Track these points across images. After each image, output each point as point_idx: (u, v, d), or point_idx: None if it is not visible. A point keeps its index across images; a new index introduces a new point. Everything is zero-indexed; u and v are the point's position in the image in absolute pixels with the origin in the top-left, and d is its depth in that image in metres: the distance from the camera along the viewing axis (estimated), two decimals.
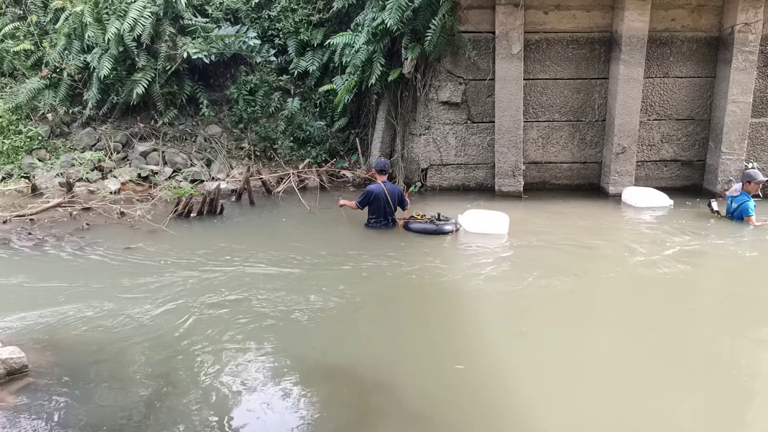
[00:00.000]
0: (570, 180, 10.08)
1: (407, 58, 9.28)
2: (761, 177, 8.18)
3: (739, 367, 4.70)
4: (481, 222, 7.92)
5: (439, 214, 7.89)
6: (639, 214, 8.82)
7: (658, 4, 9.17)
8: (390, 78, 9.55)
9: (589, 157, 9.99)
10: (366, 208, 7.96)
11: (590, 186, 10.05)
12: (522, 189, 9.66)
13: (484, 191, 9.80)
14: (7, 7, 10.86)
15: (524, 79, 9.40)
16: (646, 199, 9.09)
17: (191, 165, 10.28)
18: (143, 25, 9.75)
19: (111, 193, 9.19)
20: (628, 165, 9.58)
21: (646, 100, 9.60)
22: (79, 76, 10.50)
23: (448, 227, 7.75)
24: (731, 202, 8.19)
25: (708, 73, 9.62)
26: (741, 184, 8.18)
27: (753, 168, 9.09)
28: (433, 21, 8.85)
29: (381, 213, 7.89)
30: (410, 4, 8.82)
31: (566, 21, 9.41)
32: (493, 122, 9.59)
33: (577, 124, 9.83)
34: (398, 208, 8.03)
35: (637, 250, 7.13)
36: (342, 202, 8.27)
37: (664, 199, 9.08)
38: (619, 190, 9.59)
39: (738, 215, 8.06)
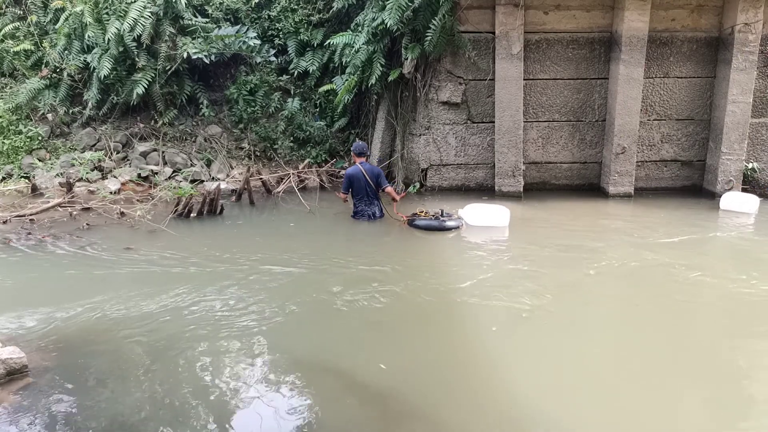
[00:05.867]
0: (570, 180, 10.07)
1: (407, 58, 9.28)
2: None
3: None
4: (483, 215, 8.07)
5: (442, 211, 8.01)
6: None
7: (658, 4, 9.16)
8: (390, 78, 9.54)
9: (589, 158, 9.99)
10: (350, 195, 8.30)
11: (590, 186, 10.05)
12: (522, 189, 9.65)
13: (484, 191, 9.80)
14: (7, 7, 10.86)
15: (524, 79, 9.40)
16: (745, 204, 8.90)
17: (191, 165, 10.28)
18: (143, 25, 9.75)
19: (111, 193, 9.19)
20: (628, 165, 9.58)
21: (646, 100, 9.59)
22: (79, 76, 10.50)
23: (451, 223, 7.88)
24: None
25: (708, 73, 9.61)
26: None
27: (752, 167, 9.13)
28: (433, 21, 8.84)
29: (363, 194, 8.13)
30: (410, 4, 8.82)
31: (566, 21, 9.41)
32: (493, 122, 9.58)
33: (577, 124, 9.83)
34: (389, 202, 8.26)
35: None
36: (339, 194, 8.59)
37: (755, 201, 8.97)
38: (619, 190, 9.59)
39: None
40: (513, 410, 4.09)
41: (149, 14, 9.80)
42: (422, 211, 8.12)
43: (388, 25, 8.88)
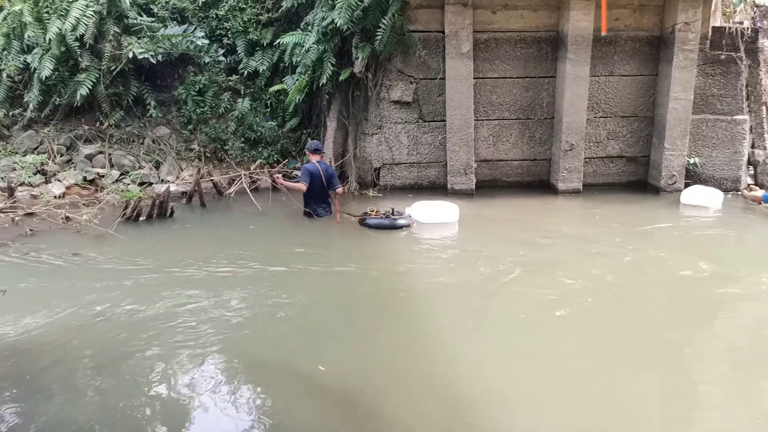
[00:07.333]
0: (520, 177, 10.23)
1: (358, 58, 9.27)
2: None
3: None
4: (433, 213, 8.17)
5: (393, 209, 8.04)
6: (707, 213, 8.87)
7: (602, 3, 9.36)
8: (341, 78, 9.53)
9: (538, 155, 10.17)
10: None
11: (540, 183, 10.23)
12: (474, 187, 9.75)
13: (437, 189, 9.87)
14: None
15: (474, 78, 9.50)
16: (708, 199, 9.06)
17: (139, 167, 10.06)
18: (86, 25, 9.50)
19: (55, 197, 8.93)
20: (577, 162, 9.78)
21: (593, 98, 9.81)
22: (19, 77, 10.14)
23: (402, 221, 7.91)
24: None
25: (651, 71, 9.89)
26: None
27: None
28: (382, 20, 8.86)
29: (318, 193, 8.21)
30: (360, 3, 8.81)
31: (514, 20, 9.55)
32: (445, 121, 9.66)
33: (526, 122, 9.99)
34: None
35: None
36: (281, 181, 8.46)
37: (718, 196, 9.16)
38: (568, 186, 9.79)
39: None
40: (472, 407, 4.13)
41: (92, 13, 9.56)
42: (373, 210, 8.14)
43: (338, 25, 8.86)
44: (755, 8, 10.87)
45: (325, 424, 3.95)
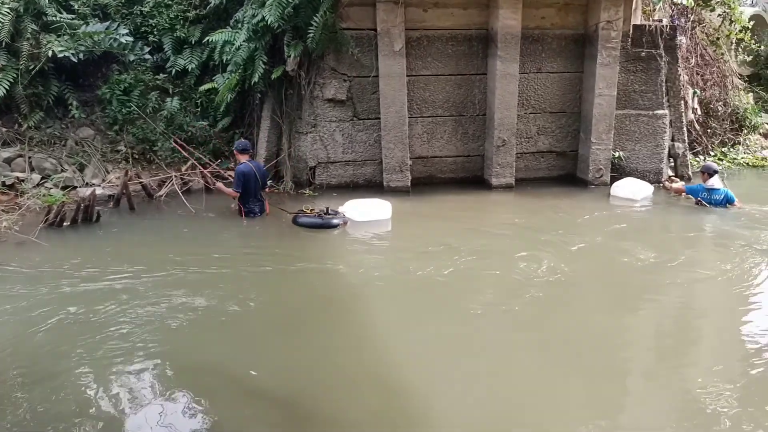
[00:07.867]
0: (455, 173, 10.35)
1: (290, 56, 9.16)
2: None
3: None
4: (366, 210, 8.18)
5: (327, 208, 8.01)
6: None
7: (529, 2, 9.55)
8: (273, 76, 9.38)
9: (472, 151, 10.31)
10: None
11: (474, 178, 10.37)
12: (410, 184, 9.80)
13: (373, 187, 9.86)
14: None
15: (407, 76, 9.53)
16: (636, 191, 9.46)
17: (62, 170, 9.62)
18: (1, 23, 9.02)
19: None
20: (509, 157, 9.98)
21: (523, 94, 10.02)
22: None
23: (336, 221, 7.88)
24: (711, 194, 8.78)
25: (576, 68, 10.19)
26: (712, 176, 8.81)
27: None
28: (314, 18, 8.78)
29: (253, 194, 8.21)
30: (291, 1, 8.71)
31: (445, 18, 9.65)
32: (379, 119, 9.66)
33: (459, 118, 10.12)
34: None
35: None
36: (218, 185, 8.66)
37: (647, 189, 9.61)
38: (501, 181, 9.97)
39: (723, 202, 8.72)
40: (415, 403, 4.15)
41: (7, 10, 9.07)
42: (308, 208, 8.09)
43: (269, 22, 8.71)
44: (673, 6, 11.37)
45: (264, 427, 3.88)
